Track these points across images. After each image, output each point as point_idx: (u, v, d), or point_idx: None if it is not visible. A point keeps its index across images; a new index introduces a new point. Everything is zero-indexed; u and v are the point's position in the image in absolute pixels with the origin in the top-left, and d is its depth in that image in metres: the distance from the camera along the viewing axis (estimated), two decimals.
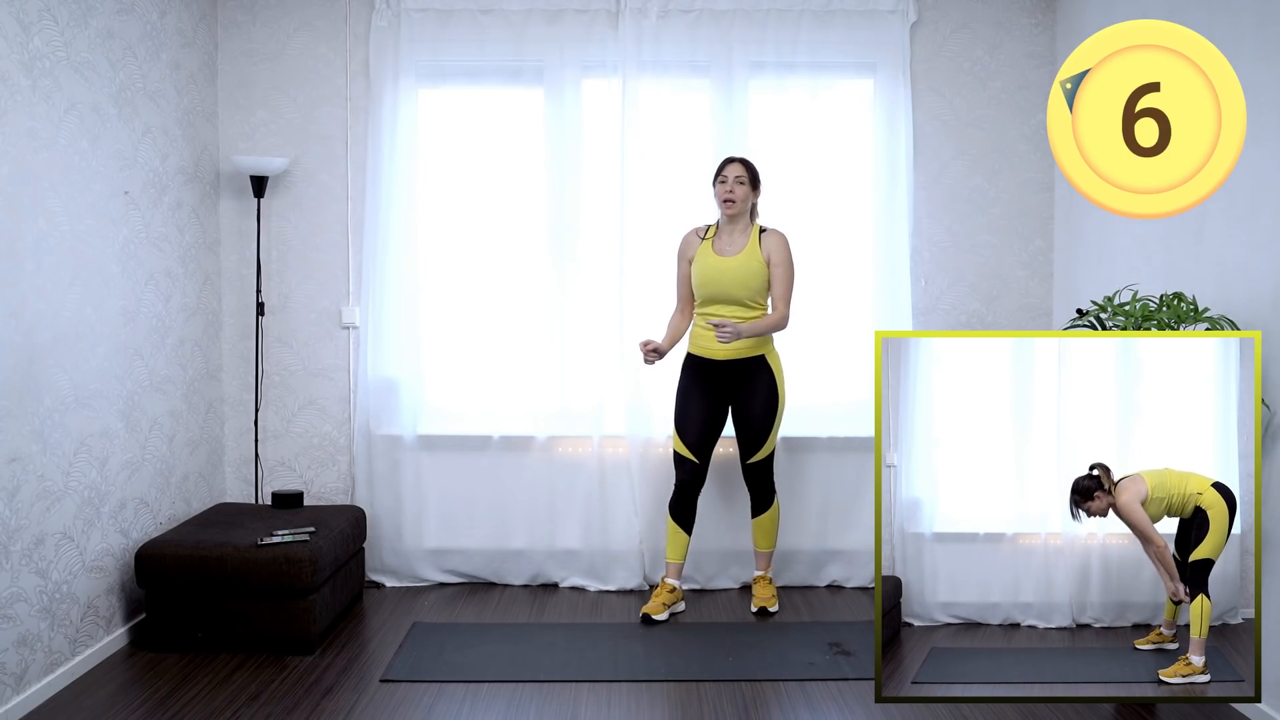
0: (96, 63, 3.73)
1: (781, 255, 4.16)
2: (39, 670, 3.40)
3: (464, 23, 4.70)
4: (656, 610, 4.26)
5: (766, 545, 4.44)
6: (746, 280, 4.14)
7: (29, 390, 3.34)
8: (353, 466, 4.82)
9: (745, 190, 4.18)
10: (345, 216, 4.80)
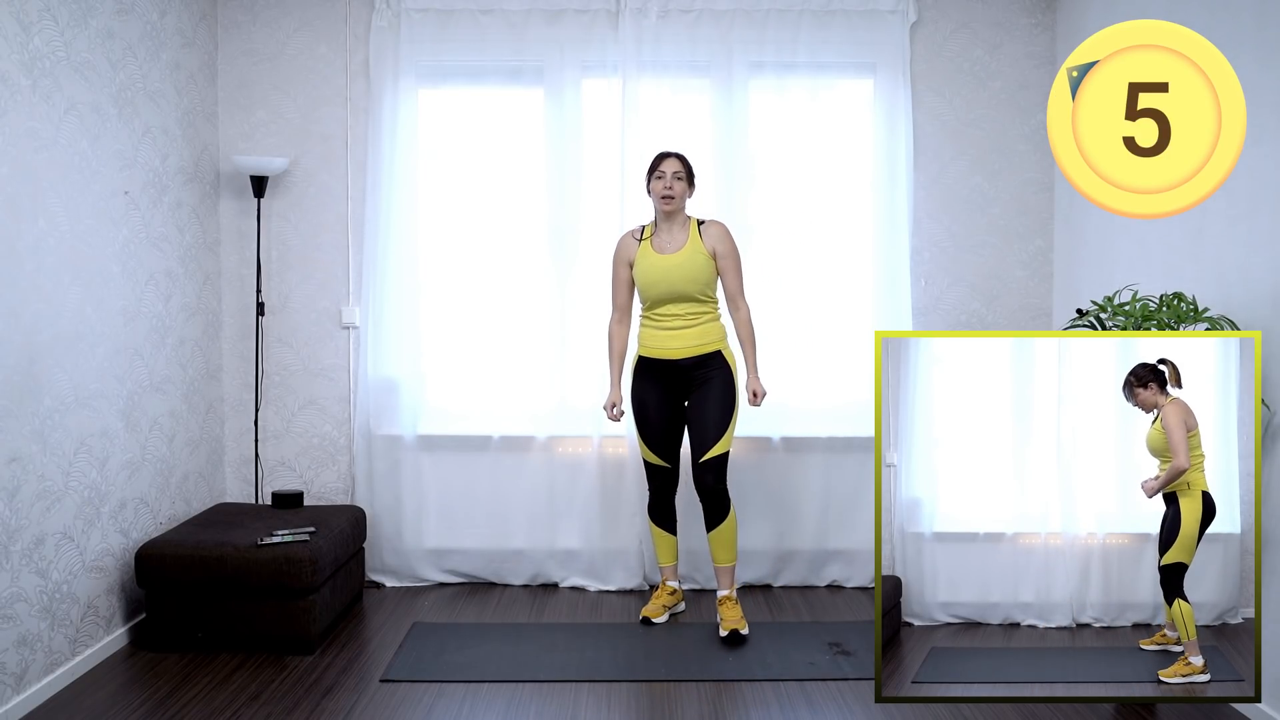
0: (96, 63, 3.73)
1: (727, 245, 4.10)
2: (39, 670, 3.40)
3: (464, 23, 4.70)
4: (656, 613, 4.25)
5: (727, 558, 4.15)
6: (695, 274, 4.05)
7: (29, 390, 3.34)
8: (353, 466, 4.82)
9: (683, 186, 4.10)
10: (345, 216, 4.80)
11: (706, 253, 4.06)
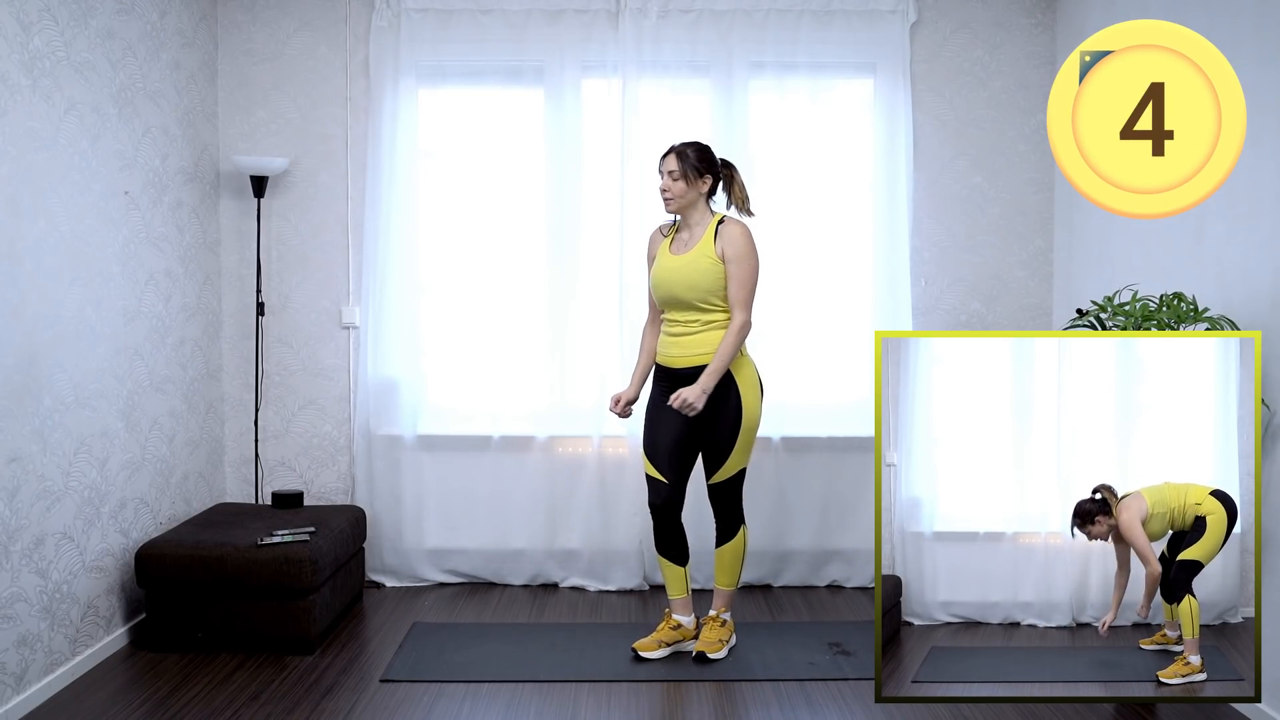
0: (96, 63, 3.73)
1: (737, 250, 3.69)
2: (39, 670, 3.40)
3: (464, 23, 4.70)
4: (647, 647, 3.85)
5: (725, 582, 3.88)
6: (694, 280, 3.70)
7: (29, 390, 3.34)
8: (353, 466, 4.82)
9: (682, 186, 3.72)
10: (345, 216, 4.80)
11: (715, 257, 3.70)
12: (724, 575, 3.89)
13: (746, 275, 3.71)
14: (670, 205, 3.80)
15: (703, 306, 3.74)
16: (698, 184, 3.77)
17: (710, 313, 3.74)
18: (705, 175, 3.77)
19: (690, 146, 3.78)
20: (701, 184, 3.77)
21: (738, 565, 3.88)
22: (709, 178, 3.78)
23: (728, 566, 3.88)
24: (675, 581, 3.93)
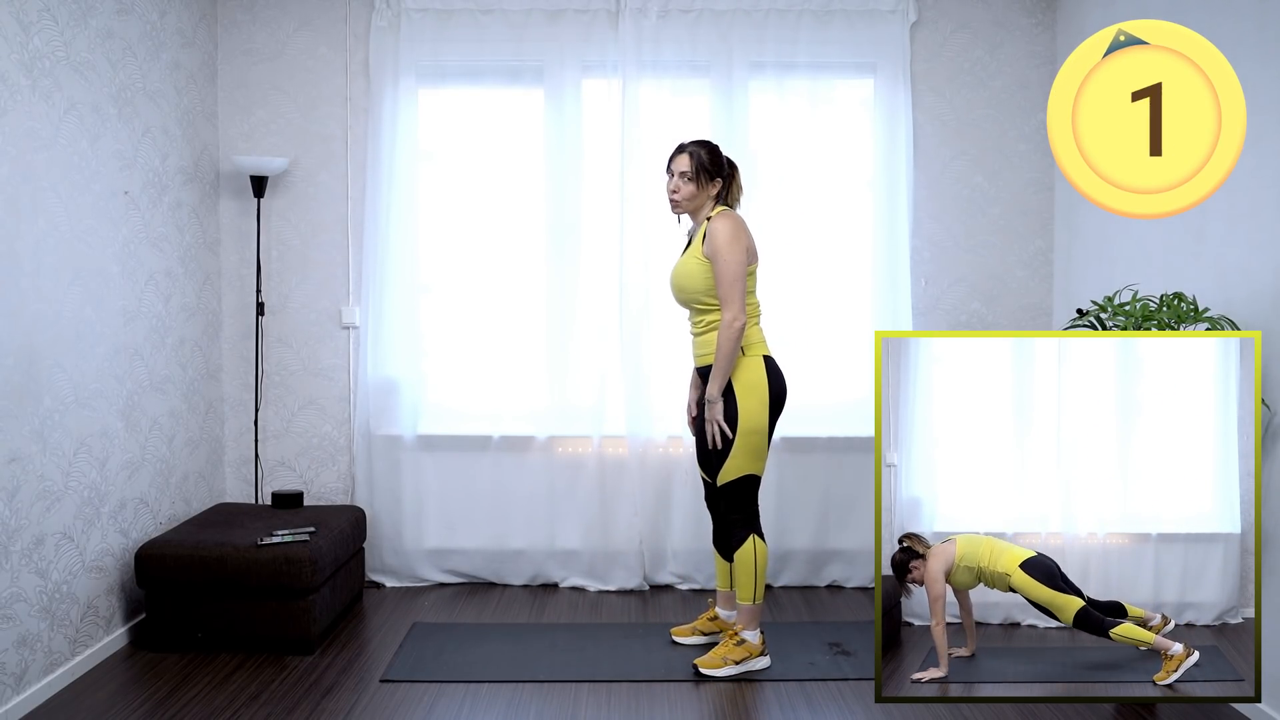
0: (96, 62, 3.73)
1: (715, 247, 3.56)
2: (39, 670, 3.40)
3: (464, 22, 4.70)
4: (682, 633, 4.00)
5: (739, 595, 3.69)
6: (682, 283, 3.68)
7: (29, 390, 3.34)
8: (353, 466, 4.82)
9: (692, 188, 3.65)
10: (345, 216, 4.80)
11: (702, 257, 3.63)
12: (738, 588, 3.70)
13: (724, 271, 3.55)
14: (678, 208, 3.72)
15: (699, 307, 3.69)
16: (708, 187, 3.69)
17: (709, 313, 3.68)
18: (716, 178, 3.70)
19: (702, 146, 3.71)
20: (711, 187, 3.70)
21: (750, 579, 3.66)
22: (719, 180, 3.70)
23: (739, 580, 3.68)
24: (719, 574, 3.96)
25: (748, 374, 3.62)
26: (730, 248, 3.56)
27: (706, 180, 3.68)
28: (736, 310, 3.55)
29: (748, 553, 3.66)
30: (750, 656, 3.69)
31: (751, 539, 3.67)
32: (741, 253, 3.58)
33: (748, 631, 3.71)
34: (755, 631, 3.71)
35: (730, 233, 3.57)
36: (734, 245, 3.56)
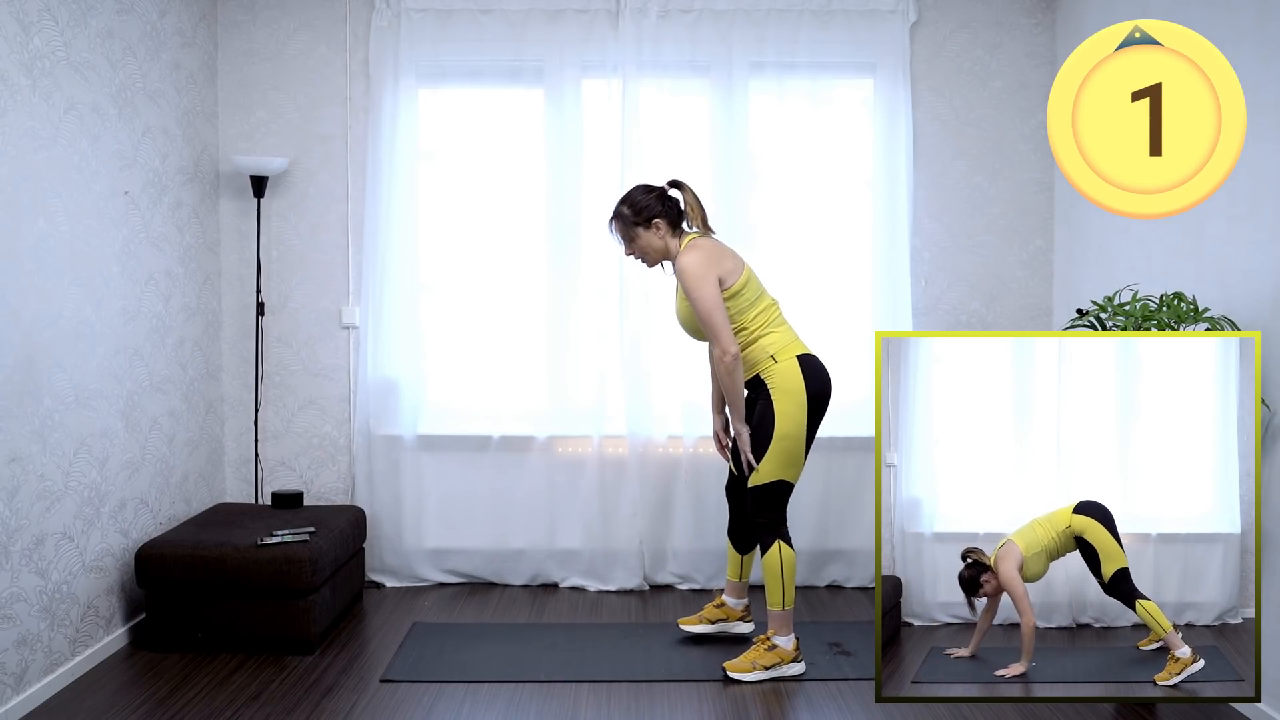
0: (96, 62, 3.73)
1: (685, 284, 3.55)
2: (39, 670, 3.40)
3: (464, 22, 4.70)
4: (688, 621, 4.01)
5: (770, 601, 3.65)
6: (681, 321, 3.74)
7: (29, 390, 3.34)
8: (353, 466, 4.82)
9: (641, 245, 3.66)
10: (345, 216, 4.80)
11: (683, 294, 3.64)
12: (767, 594, 3.66)
13: (699, 308, 3.52)
14: (651, 264, 3.73)
15: (702, 339, 3.72)
16: (650, 233, 3.64)
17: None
18: (653, 220, 3.63)
19: (623, 203, 3.67)
20: (655, 231, 3.64)
21: (777, 585, 3.61)
22: (658, 220, 3.63)
23: (768, 585, 3.64)
24: (730, 564, 3.96)
25: (782, 379, 3.58)
26: (699, 283, 3.50)
27: (646, 228, 3.64)
28: (724, 342, 3.51)
29: (774, 559, 3.62)
30: (782, 662, 3.66)
31: (778, 545, 3.63)
32: (711, 285, 3.53)
33: (779, 637, 3.67)
34: (788, 637, 3.68)
35: (695, 268, 3.52)
36: (702, 280, 3.51)
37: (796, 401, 3.57)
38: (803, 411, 3.58)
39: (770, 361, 3.60)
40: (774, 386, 3.58)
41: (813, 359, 3.67)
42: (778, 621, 3.67)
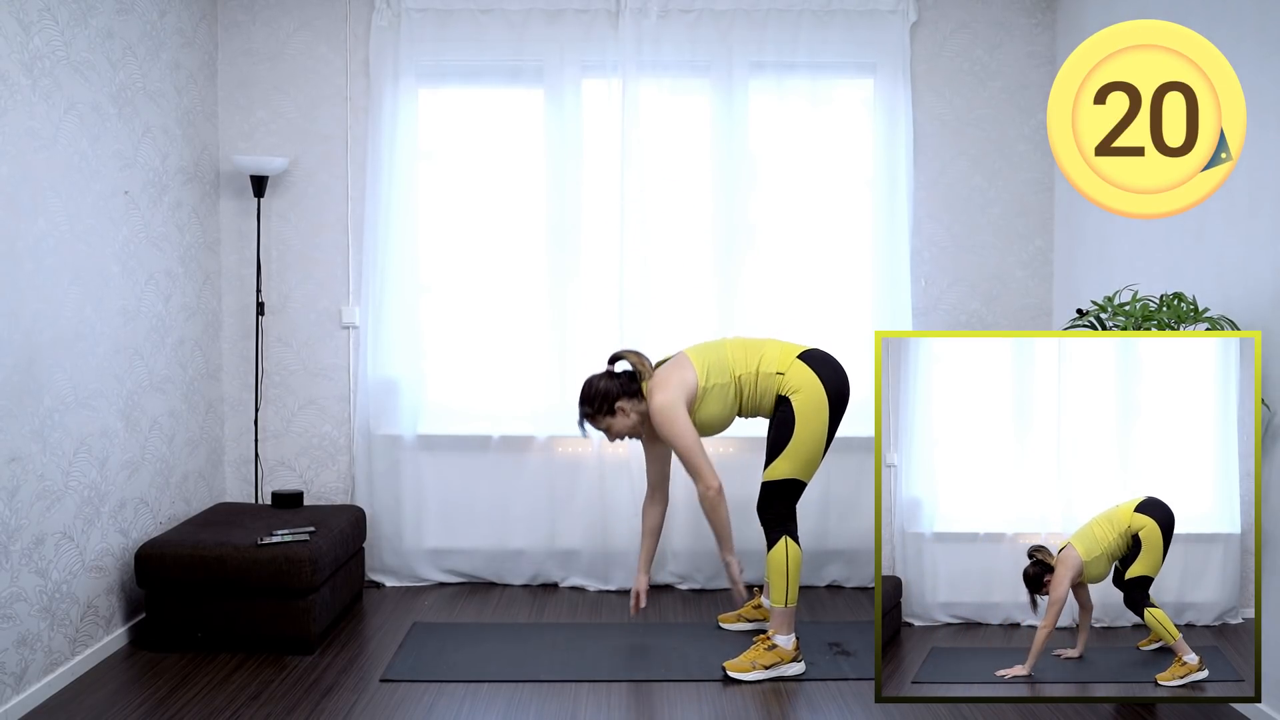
0: (96, 62, 3.73)
1: (661, 428, 3.66)
2: (39, 670, 3.40)
3: (464, 22, 4.70)
4: (729, 619, 4.14)
5: (773, 597, 3.67)
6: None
7: (29, 390, 3.34)
8: (353, 466, 4.82)
9: (615, 434, 3.81)
10: (345, 216, 4.80)
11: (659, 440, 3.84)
12: (770, 591, 3.69)
13: (678, 447, 3.64)
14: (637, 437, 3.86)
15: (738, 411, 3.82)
16: (620, 416, 3.77)
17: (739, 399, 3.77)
18: (617, 403, 3.75)
19: (583, 403, 3.80)
20: (622, 413, 3.76)
21: (781, 581, 3.63)
22: (619, 400, 3.75)
23: (771, 581, 3.67)
24: None
25: (798, 382, 3.64)
26: (672, 424, 3.62)
27: (613, 415, 3.77)
28: (706, 478, 3.64)
29: (779, 555, 3.64)
30: (781, 662, 3.66)
31: (784, 541, 3.65)
32: (684, 421, 3.63)
33: (780, 636, 3.68)
34: (789, 636, 3.69)
35: (664, 410, 3.62)
36: (674, 419, 3.62)
37: (813, 407, 3.63)
38: (824, 413, 3.63)
39: (779, 378, 3.68)
40: (799, 399, 3.63)
41: (819, 354, 3.73)
42: (779, 619, 3.68)
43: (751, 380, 3.71)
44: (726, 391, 3.71)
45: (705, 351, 3.76)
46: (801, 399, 3.63)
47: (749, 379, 3.71)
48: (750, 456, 4.71)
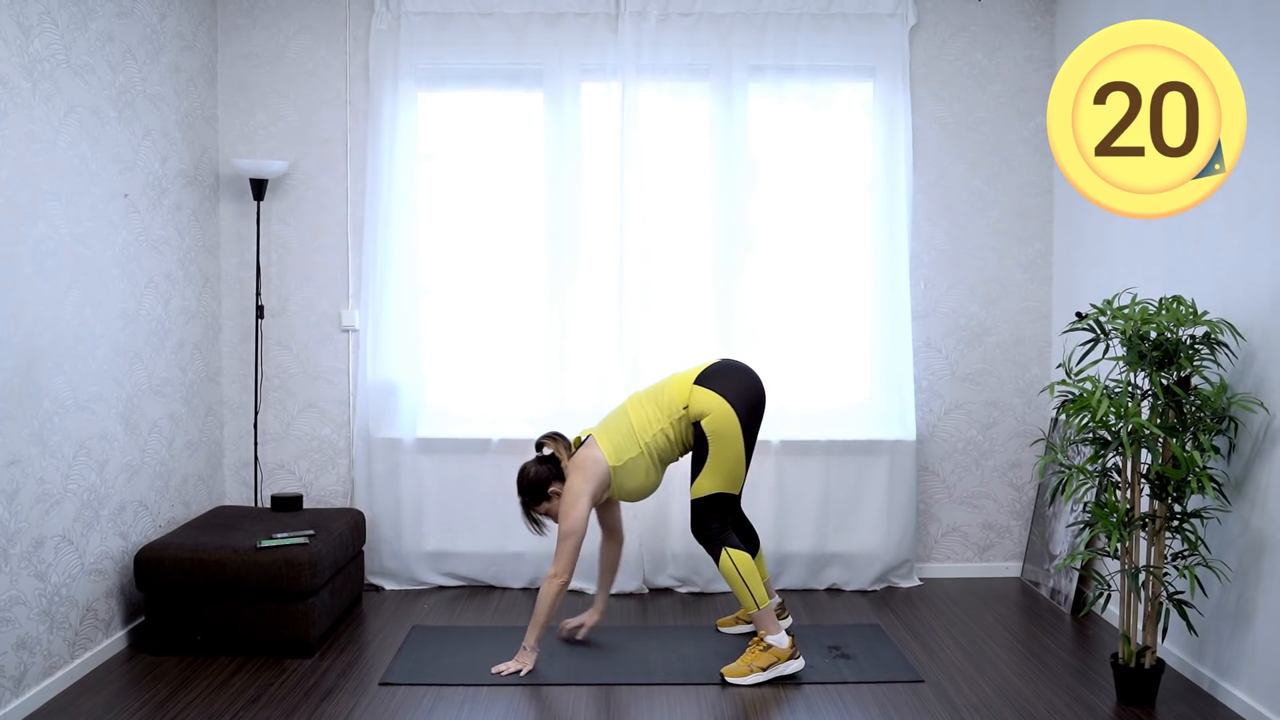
0: (96, 66, 3.73)
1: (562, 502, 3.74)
2: (38, 673, 3.39)
3: (464, 26, 4.70)
4: (728, 623, 4.17)
5: (744, 606, 3.71)
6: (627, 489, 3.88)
7: (28, 393, 3.34)
8: (352, 469, 4.82)
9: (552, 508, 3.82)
10: (345, 219, 4.80)
11: None
12: (740, 600, 3.70)
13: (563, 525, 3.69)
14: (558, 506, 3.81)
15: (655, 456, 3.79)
16: (554, 500, 3.80)
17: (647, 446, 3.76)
18: (550, 488, 3.79)
19: (521, 493, 3.85)
20: (557, 496, 3.79)
21: (741, 589, 3.65)
22: (553, 485, 3.79)
23: (734, 591, 3.69)
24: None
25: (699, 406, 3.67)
26: (573, 507, 3.67)
27: (549, 500, 3.81)
28: (561, 566, 3.67)
29: (727, 567, 3.67)
30: (779, 661, 3.65)
31: (725, 553, 3.67)
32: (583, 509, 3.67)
33: (771, 636, 3.67)
34: (779, 634, 3.68)
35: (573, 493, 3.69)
36: (576, 505, 3.67)
37: (726, 419, 3.64)
38: (735, 426, 3.65)
39: (685, 412, 3.71)
40: (702, 416, 3.66)
41: (716, 370, 3.74)
42: (760, 621, 3.68)
43: (662, 437, 3.73)
44: (639, 463, 3.74)
45: (611, 430, 3.78)
46: (711, 420, 3.65)
47: (659, 439, 3.73)
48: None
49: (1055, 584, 4.49)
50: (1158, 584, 3.33)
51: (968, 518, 4.86)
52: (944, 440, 4.86)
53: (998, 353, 4.85)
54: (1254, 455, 3.29)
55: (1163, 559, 3.37)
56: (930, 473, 4.86)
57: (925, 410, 4.83)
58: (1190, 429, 3.27)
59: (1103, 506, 3.33)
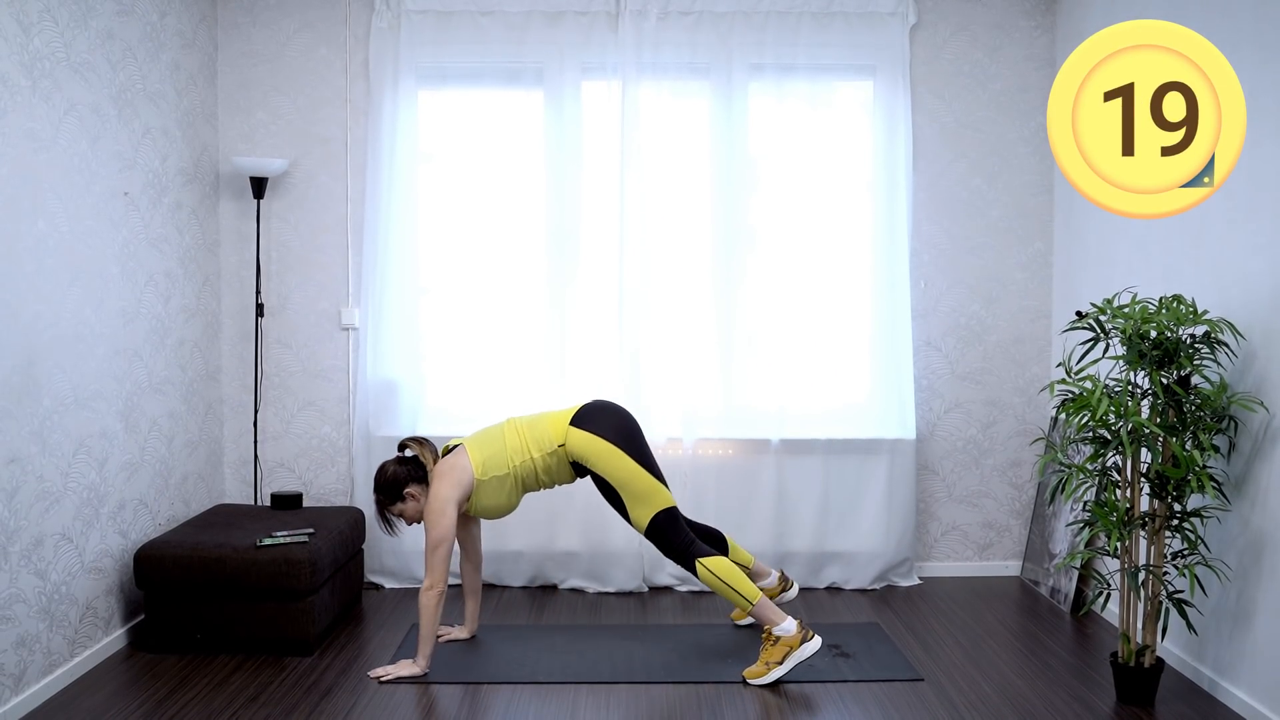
0: (96, 64, 3.73)
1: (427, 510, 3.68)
2: (37, 671, 3.39)
3: (464, 24, 4.70)
4: (739, 615, 4.19)
5: (738, 608, 3.79)
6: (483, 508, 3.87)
7: (28, 391, 3.34)
8: (352, 468, 4.82)
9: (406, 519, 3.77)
10: (345, 218, 4.80)
11: None
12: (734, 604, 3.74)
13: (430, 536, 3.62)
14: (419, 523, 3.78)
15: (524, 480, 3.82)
16: (409, 502, 3.74)
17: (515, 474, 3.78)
18: (406, 489, 3.74)
19: (376, 491, 3.78)
20: (413, 498, 3.74)
21: (729, 592, 3.66)
22: (410, 487, 3.74)
23: (724, 597, 3.71)
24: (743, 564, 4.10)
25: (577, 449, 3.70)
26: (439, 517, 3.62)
27: (404, 501, 3.75)
28: (434, 578, 3.60)
29: (706, 576, 3.68)
30: (792, 649, 3.62)
31: (698, 565, 3.68)
32: (449, 518, 3.63)
33: (775, 627, 3.65)
34: (784, 622, 3.66)
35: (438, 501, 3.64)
36: (442, 514, 3.62)
37: (609, 454, 3.68)
38: (621, 457, 3.68)
39: (562, 450, 3.73)
40: (584, 458, 3.70)
41: (589, 411, 3.77)
42: (760, 616, 3.68)
43: (530, 467, 3.74)
44: (504, 483, 3.75)
45: (485, 444, 3.77)
46: (596, 460, 3.69)
47: (527, 466, 3.74)
48: (752, 458, 4.73)
49: (1055, 583, 4.49)
50: (1157, 583, 3.34)
51: (967, 517, 4.87)
52: (944, 439, 4.86)
53: (998, 352, 4.85)
54: (1254, 454, 3.29)
55: (1162, 558, 3.37)
56: (930, 472, 4.86)
57: (925, 409, 4.83)
58: (1190, 428, 3.27)
59: (1102, 505, 3.33)
